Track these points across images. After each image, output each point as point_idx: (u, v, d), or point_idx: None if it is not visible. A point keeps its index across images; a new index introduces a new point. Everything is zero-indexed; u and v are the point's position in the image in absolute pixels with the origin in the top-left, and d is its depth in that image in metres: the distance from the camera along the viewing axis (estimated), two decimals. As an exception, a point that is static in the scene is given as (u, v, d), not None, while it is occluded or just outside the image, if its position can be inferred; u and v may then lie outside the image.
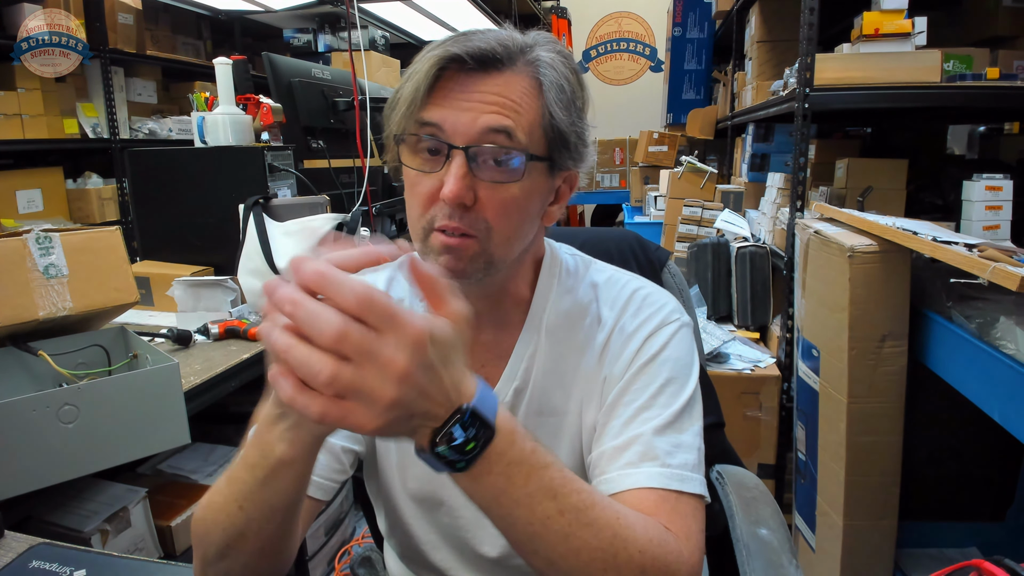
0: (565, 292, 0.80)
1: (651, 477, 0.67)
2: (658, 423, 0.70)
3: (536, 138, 0.67)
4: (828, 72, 1.93)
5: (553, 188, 0.73)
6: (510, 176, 0.66)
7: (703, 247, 2.55)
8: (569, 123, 0.69)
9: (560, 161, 0.70)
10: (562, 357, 0.77)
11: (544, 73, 0.68)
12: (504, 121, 0.65)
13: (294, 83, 2.20)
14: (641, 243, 1.07)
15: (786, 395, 2.10)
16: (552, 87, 0.68)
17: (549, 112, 0.67)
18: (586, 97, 0.72)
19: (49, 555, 0.78)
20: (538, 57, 0.68)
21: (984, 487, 1.90)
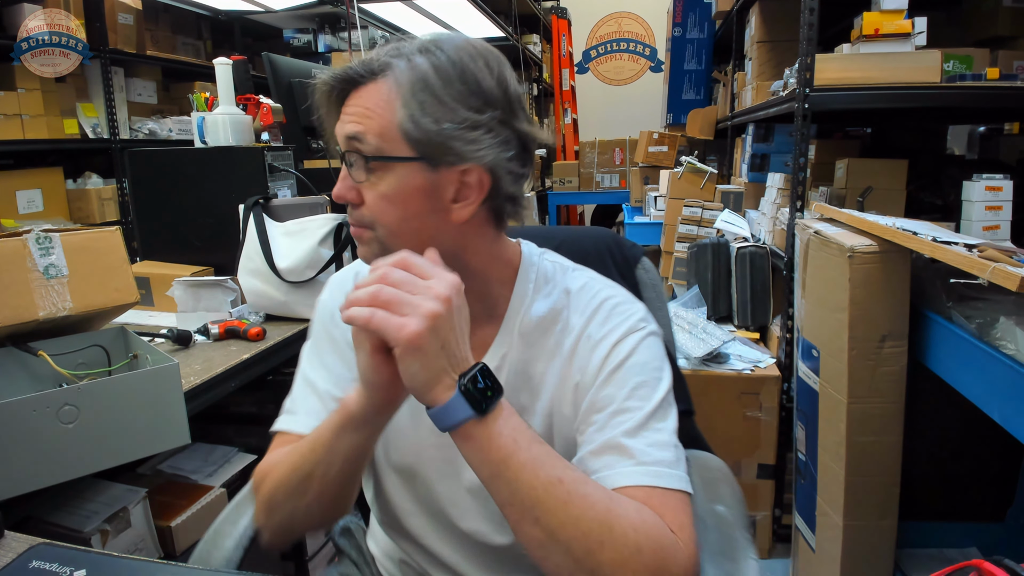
0: (541, 297, 0.83)
1: (630, 476, 0.69)
2: (630, 425, 0.72)
3: (393, 139, 0.71)
4: (828, 72, 1.93)
5: (443, 185, 0.73)
6: (367, 176, 0.72)
7: (703, 247, 2.55)
8: (434, 121, 0.70)
9: (439, 157, 0.71)
10: (532, 360, 0.81)
11: (398, 79, 0.71)
12: (355, 128, 0.72)
13: (294, 83, 2.20)
14: (617, 241, 1.10)
15: (786, 395, 2.10)
16: (408, 90, 0.70)
17: (407, 110, 0.70)
18: (473, 86, 0.72)
19: (49, 555, 0.78)
20: (393, 64, 0.72)
21: (984, 487, 1.89)
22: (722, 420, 2.13)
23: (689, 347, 2.18)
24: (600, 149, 5.58)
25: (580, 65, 7.17)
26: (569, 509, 0.61)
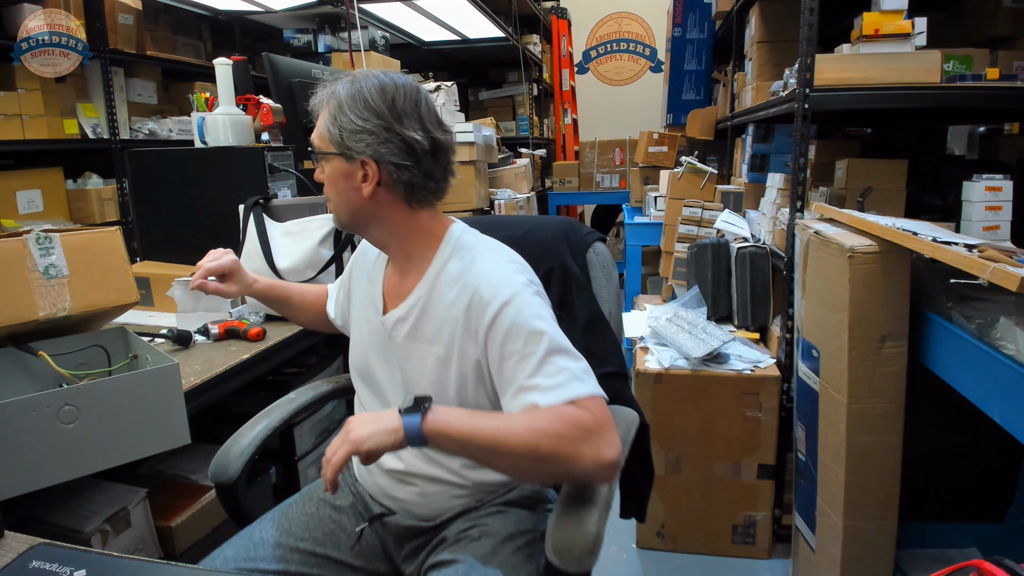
0: (454, 261, 1.09)
1: (543, 402, 0.93)
2: (531, 369, 0.96)
3: (324, 141, 1.08)
4: (828, 73, 1.93)
5: (353, 171, 1.06)
6: (320, 166, 1.11)
7: (703, 247, 2.55)
8: (338, 129, 1.05)
9: (347, 153, 1.05)
10: (439, 304, 1.08)
11: (330, 103, 1.07)
12: (312, 138, 1.11)
13: (294, 83, 2.20)
14: (574, 227, 1.36)
15: (786, 395, 2.10)
16: (333, 109, 1.06)
17: (328, 125, 1.06)
18: (362, 105, 1.04)
19: (49, 555, 0.78)
20: (327, 97, 1.08)
21: (984, 487, 1.90)
22: (722, 420, 2.13)
23: (689, 347, 2.18)
24: (600, 149, 5.58)
25: (580, 65, 7.17)
26: (511, 444, 0.90)
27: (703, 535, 2.22)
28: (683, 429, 2.16)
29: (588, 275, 1.33)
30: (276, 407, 1.33)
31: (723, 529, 2.20)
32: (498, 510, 1.14)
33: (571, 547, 0.90)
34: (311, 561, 1.15)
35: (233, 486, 1.16)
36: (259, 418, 1.29)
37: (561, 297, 1.31)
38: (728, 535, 2.20)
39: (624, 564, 2.20)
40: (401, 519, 1.17)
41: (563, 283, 1.31)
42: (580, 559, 0.89)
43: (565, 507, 0.95)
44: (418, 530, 1.16)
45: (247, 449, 1.20)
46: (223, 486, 1.16)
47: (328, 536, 1.18)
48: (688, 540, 2.24)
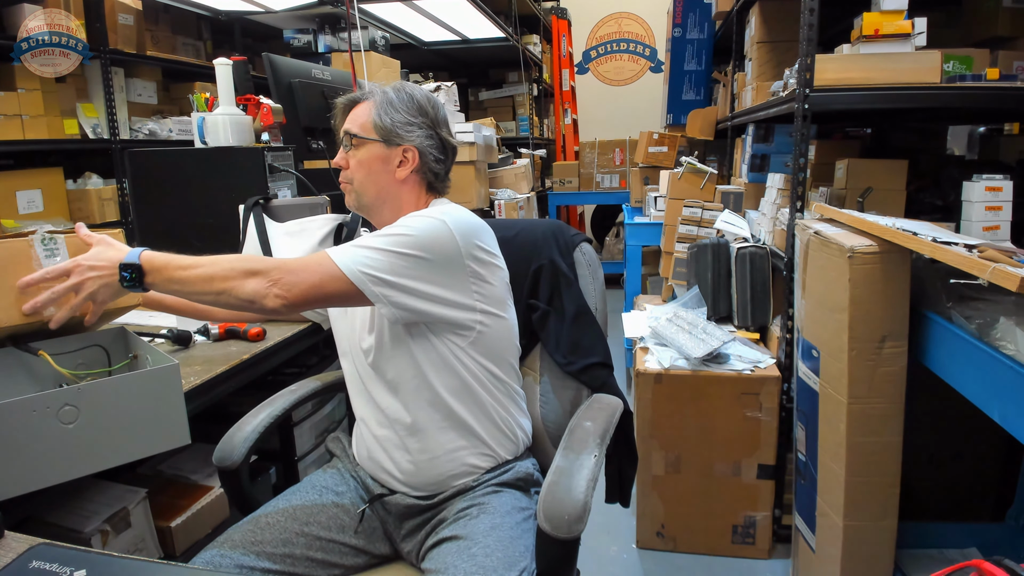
0: None
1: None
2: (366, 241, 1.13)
3: (367, 129, 1.25)
4: (828, 73, 1.93)
5: (391, 156, 1.25)
6: (354, 151, 1.26)
7: (703, 248, 2.55)
8: (391, 120, 1.24)
9: (391, 139, 1.24)
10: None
11: (376, 98, 1.26)
12: (350, 126, 1.27)
13: (294, 84, 2.20)
14: (561, 229, 1.47)
15: (786, 395, 2.10)
16: (379, 103, 1.25)
17: (378, 116, 1.24)
18: (414, 106, 1.26)
19: (49, 555, 0.78)
20: (374, 92, 1.27)
21: (984, 488, 1.90)
22: (722, 420, 2.13)
23: (689, 347, 2.18)
24: (600, 149, 5.59)
25: (580, 65, 7.18)
26: (213, 277, 1.08)
27: (703, 535, 2.22)
28: (683, 429, 2.16)
29: (575, 272, 1.42)
30: (279, 396, 1.38)
31: (723, 529, 2.20)
32: (494, 490, 1.21)
33: (561, 514, 0.97)
34: (316, 544, 1.19)
35: (237, 471, 1.22)
36: (263, 407, 1.34)
37: (550, 292, 1.41)
38: (728, 535, 2.20)
39: (624, 564, 2.20)
40: (401, 498, 1.23)
41: (552, 279, 1.41)
42: (570, 525, 0.97)
43: (555, 479, 1.03)
44: (418, 508, 1.22)
45: (250, 435, 1.25)
46: (227, 471, 1.22)
47: (332, 520, 1.23)
48: (688, 540, 2.24)
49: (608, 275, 1.38)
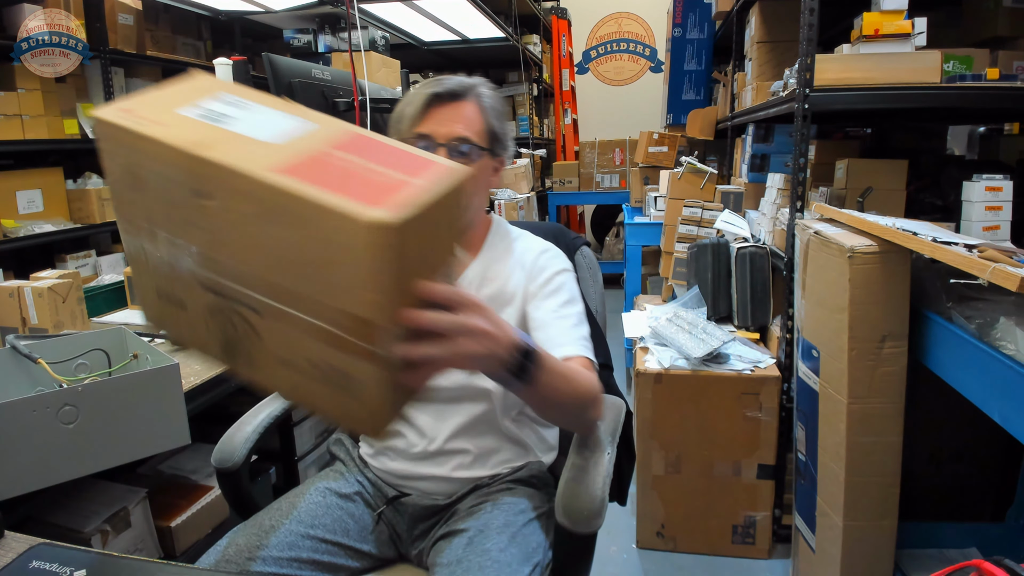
0: (506, 243, 1.27)
1: (578, 349, 1.11)
2: (573, 321, 1.16)
3: (482, 137, 1.15)
4: (828, 73, 1.93)
5: (493, 165, 1.19)
6: (469, 160, 1.13)
7: (703, 247, 2.55)
8: (500, 129, 1.18)
9: (496, 150, 1.18)
10: (499, 270, 1.23)
11: (485, 101, 1.17)
12: (465, 132, 1.13)
13: (294, 84, 2.20)
14: (563, 231, 1.50)
15: (786, 395, 2.10)
16: (489, 108, 1.17)
17: (489, 123, 1.16)
18: (505, 112, 1.20)
19: (49, 555, 0.78)
20: (480, 92, 1.17)
21: (984, 487, 1.90)
22: (722, 420, 2.13)
23: (689, 347, 2.18)
24: (600, 149, 5.59)
25: (580, 65, 7.17)
26: (582, 386, 0.99)
27: (703, 535, 2.22)
28: (683, 429, 2.16)
29: (578, 274, 1.43)
30: (279, 396, 1.35)
31: (723, 529, 2.20)
32: (508, 487, 1.20)
33: (580, 509, 1.00)
34: (321, 548, 1.17)
35: (236, 473, 1.19)
36: (262, 406, 1.32)
37: None
38: (728, 535, 2.20)
39: (624, 564, 2.20)
40: (418, 499, 1.21)
41: None
42: (588, 520, 0.99)
43: (572, 476, 1.06)
44: (434, 509, 1.21)
45: (251, 436, 1.23)
46: (226, 473, 1.19)
47: (337, 523, 1.20)
48: (688, 540, 2.24)
49: (608, 275, 1.40)
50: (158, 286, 0.72)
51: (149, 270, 0.72)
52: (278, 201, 0.58)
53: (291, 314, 0.62)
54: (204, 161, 0.60)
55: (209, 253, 0.66)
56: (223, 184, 0.60)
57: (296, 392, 0.68)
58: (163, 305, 0.73)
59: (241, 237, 0.62)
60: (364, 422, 0.67)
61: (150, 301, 0.74)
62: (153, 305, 0.74)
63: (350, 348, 0.60)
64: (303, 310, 0.62)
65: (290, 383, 0.67)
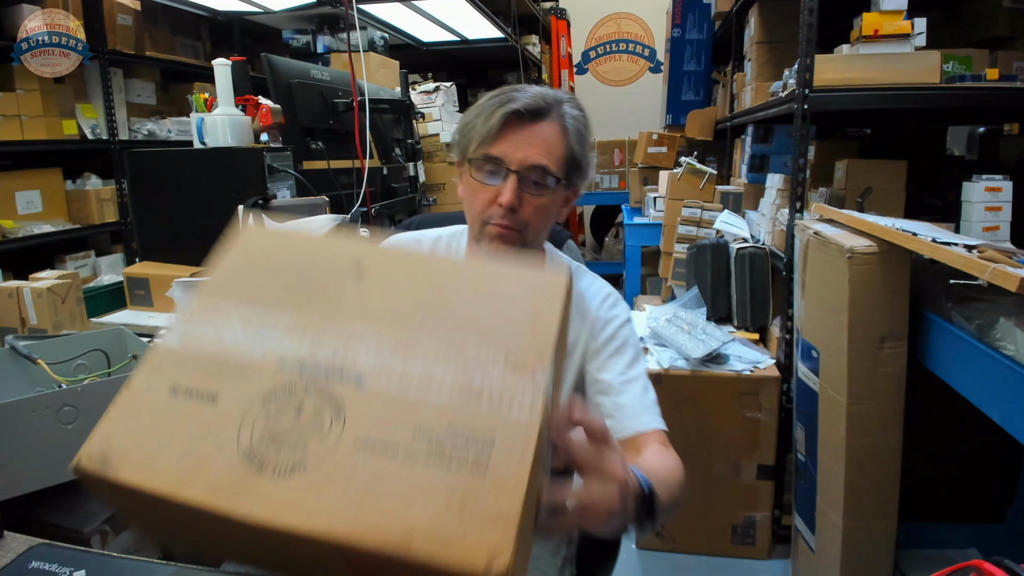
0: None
1: (653, 422, 1.01)
2: (642, 385, 1.04)
3: (561, 166, 0.99)
4: (827, 73, 1.93)
5: (566, 196, 1.05)
6: (544, 192, 0.99)
7: (702, 248, 2.55)
8: (582, 155, 1.01)
9: (573, 180, 1.03)
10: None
11: (568, 123, 1.00)
12: (543, 160, 0.97)
13: (293, 84, 2.20)
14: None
15: (786, 396, 2.10)
16: (573, 132, 1.00)
17: (571, 149, 1.00)
18: (591, 134, 1.03)
19: (49, 555, 0.78)
20: (565, 111, 1.00)
21: (984, 488, 1.90)
22: (722, 421, 2.13)
23: (689, 348, 2.18)
24: (599, 150, 5.58)
25: (579, 66, 7.18)
26: (680, 493, 0.88)
27: (703, 535, 2.22)
28: (683, 430, 2.16)
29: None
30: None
31: (723, 529, 2.20)
32: None
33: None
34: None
35: None
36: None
37: None
38: (728, 535, 2.20)
39: (624, 564, 2.20)
40: None
41: None
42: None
43: None
44: None
45: None
46: None
47: None
48: (688, 540, 2.24)
49: (607, 275, 1.38)
50: (175, 381, 0.59)
51: (174, 359, 0.61)
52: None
53: (419, 375, 0.57)
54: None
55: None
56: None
57: (358, 504, 0.52)
58: (161, 411, 0.58)
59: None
60: (479, 533, 0.50)
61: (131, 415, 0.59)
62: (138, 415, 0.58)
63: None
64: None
65: (358, 485, 0.52)
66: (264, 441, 0.54)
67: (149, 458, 0.54)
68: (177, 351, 0.61)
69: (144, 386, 0.59)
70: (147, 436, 0.56)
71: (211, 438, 0.55)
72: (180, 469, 0.53)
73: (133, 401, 0.58)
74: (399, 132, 2.82)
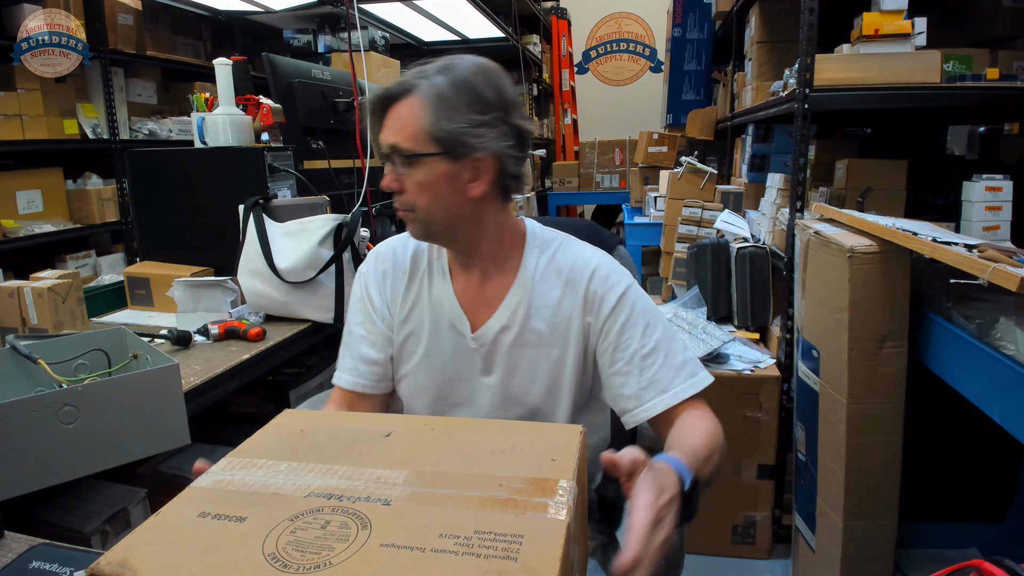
0: (547, 256, 1.08)
1: (688, 388, 1.03)
2: (663, 352, 1.02)
3: (422, 141, 0.95)
4: (828, 73, 1.93)
5: (461, 171, 0.97)
6: (415, 169, 0.96)
7: (703, 248, 2.55)
8: (450, 124, 0.93)
9: (457, 151, 0.95)
10: (544, 307, 1.05)
11: (426, 93, 0.94)
12: (393, 139, 0.96)
13: (294, 84, 2.20)
14: (597, 231, 1.37)
15: (786, 396, 2.10)
16: (433, 101, 0.94)
17: (432, 119, 0.94)
18: (476, 96, 0.94)
19: (49, 555, 0.78)
20: (422, 85, 0.95)
21: (984, 487, 1.89)
22: (722, 420, 2.11)
23: (689, 347, 2.17)
24: (600, 149, 5.58)
25: (580, 65, 7.18)
26: (720, 455, 0.97)
27: (703, 535, 2.22)
28: (683, 429, 2.16)
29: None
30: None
31: (723, 529, 2.20)
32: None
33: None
34: None
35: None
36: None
37: None
38: (728, 535, 2.20)
39: (624, 564, 2.20)
40: None
41: None
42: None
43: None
44: None
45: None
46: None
47: None
48: (688, 540, 2.23)
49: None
50: (204, 509, 0.61)
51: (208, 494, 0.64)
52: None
53: (444, 494, 0.62)
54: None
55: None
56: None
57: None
58: (188, 529, 0.59)
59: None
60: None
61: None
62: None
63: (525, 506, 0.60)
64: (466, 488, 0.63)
65: (386, 573, 0.54)
66: (289, 547, 0.56)
67: (171, 563, 0.55)
68: (209, 488, 0.65)
69: (172, 512, 0.61)
70: (171, 547, 0.57)
71: (236, 546, 0.56)
72: (202, 572, 0.54)
73: (159, 523, 0.60)
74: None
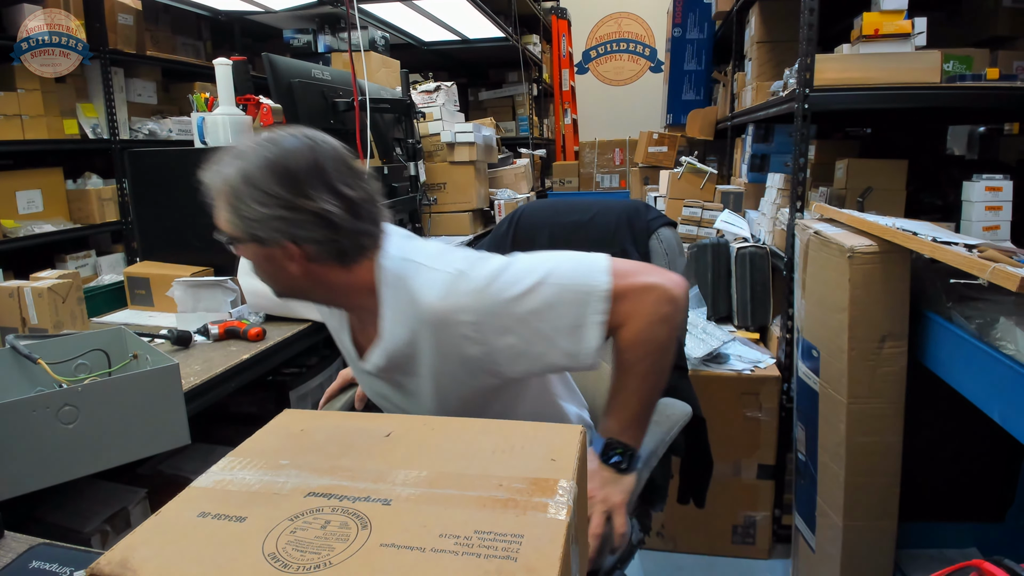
0: (394, 299, 1.00)
1: (594, 342, 0.96)
2: (568, 320, 0.95)
3: (232, 228, 0.95)
4: (828, 73, 1.93)
5: (274, 254, 0.95)
6: (239, 250, 0.99)
7: (703, 248, 2.55)
8: (240, 219, 0.93)
9: (260, 239, 0.94)
10: (406, 346, 1.01)
11: (217, 189, 0.95)
12: (219, 223, 0.97)
13: (294, 84, 2.20)
14: (638, 212, 1.31)
15: (786, 395, 2.10)
16: (223, 197, 0.94)
17: (228, 216, 0.94)
18: (263, 193, 0.91)
19: (49, 555, 0.78)
20: (217, 174, 0.94)
21: (984, 487, 1.89)
22: (722, 420, 2.13)
23: (689, 347, 2.17)
24: (600, 149, 5.59)
25: (580, 65, 7.18)
26: (653, 383, 1.00)
27: (703, 535, 2.22)
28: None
29: (649, 262, 1.28)
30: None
31: (723, 529, 2.20)
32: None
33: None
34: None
35: None
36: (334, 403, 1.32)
37: None
38: (728, 535, 2.20)
39: (624, 564, 2.20)
40: None
41: None
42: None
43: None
44: None
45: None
46: None
47: None
48: (688, 540, 2.24)
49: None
50: (204, 508, 0.62)
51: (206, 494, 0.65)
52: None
53: (443, 494, 0.63)
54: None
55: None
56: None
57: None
58: (188, 529, 0.60)
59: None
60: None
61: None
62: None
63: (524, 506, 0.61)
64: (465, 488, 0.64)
65: (385, 574, 0.54)
66: (289, 547, 0.57)
67: (171, 563, 0.56)
68: (209, 488, 0.66)
69: (172, 512, 0.62)
70: (171, 547, 0.57)
71: (236, 546, 0.57)
72: (202, 572, 0.54)
73: (159, 523, 0.61)
74: (400, 131, 2.82)
